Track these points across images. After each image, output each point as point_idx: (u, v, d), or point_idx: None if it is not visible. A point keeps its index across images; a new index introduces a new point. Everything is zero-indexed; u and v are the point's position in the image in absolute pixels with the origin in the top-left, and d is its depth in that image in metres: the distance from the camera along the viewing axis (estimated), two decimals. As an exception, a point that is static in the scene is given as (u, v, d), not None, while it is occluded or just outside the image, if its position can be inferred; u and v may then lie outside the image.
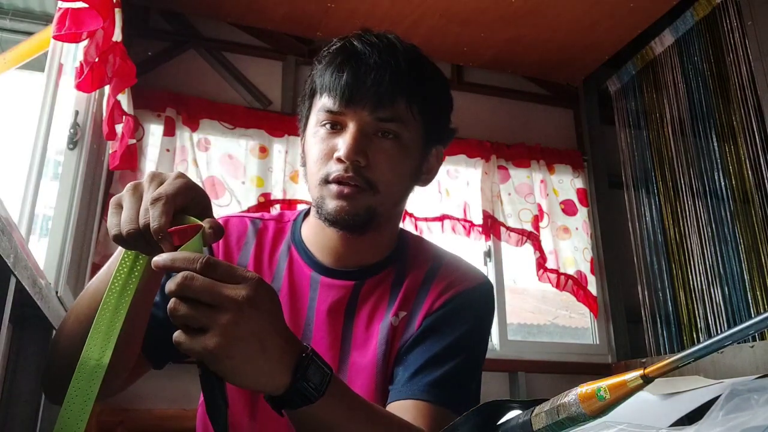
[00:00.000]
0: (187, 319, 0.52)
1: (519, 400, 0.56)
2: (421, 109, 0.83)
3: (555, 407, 0.50)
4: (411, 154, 0.84)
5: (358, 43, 0.82)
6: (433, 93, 0.86)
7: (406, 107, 0.81)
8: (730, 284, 2.56)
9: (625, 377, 0.46)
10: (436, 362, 0.80)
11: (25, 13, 2.13)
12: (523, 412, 0.54)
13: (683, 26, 2.73)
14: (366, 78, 0.79)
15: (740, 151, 2.53)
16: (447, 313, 0.85)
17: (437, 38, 2.89)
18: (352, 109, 0.80)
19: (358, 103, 0.79)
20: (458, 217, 2.80)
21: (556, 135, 3.20)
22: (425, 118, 0.85)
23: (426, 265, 0.91)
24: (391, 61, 0.80)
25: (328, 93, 0.81)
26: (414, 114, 0.82)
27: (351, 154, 0.78)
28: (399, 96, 0.80)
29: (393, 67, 0.80)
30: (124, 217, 0.58)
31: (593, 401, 0.47)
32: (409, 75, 0.81)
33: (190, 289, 0.52)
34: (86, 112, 1.86)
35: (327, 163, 0.81)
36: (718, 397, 0.95)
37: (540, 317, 3.01)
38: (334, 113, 0.81)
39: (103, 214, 2.26)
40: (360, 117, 0.80)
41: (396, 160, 0.82)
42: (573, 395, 0.49)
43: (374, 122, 0.80)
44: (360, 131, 0.80)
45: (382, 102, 0.79)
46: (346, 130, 0.80)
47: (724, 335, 0.43)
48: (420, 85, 0.83)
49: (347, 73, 0.79)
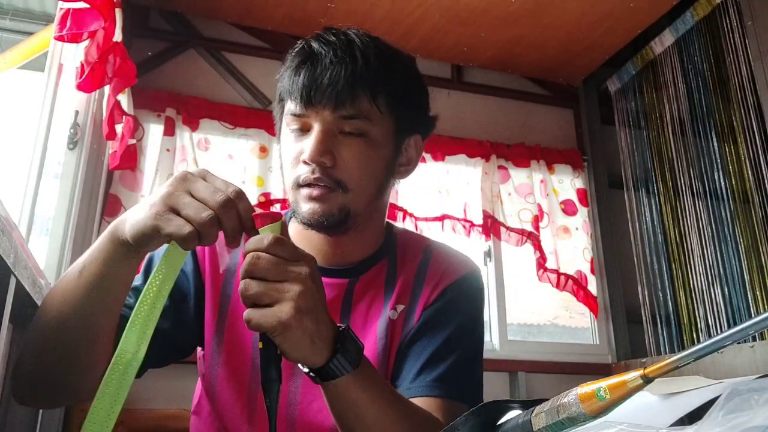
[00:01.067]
0: (258, 296, 0.58)
1: (519, 400, 0.56)
2: (387, 101, 0.82)
3: (555, 407, 0.50)
4: (381, 149, 0.83)
5: (315, 43, 0.82)
6: (400, 84, 0.84)
7: (370, 102, 0.80)
8: (730, 284, 2.56)
9: (625, 377, 0.46)
10: (440, 357, 0.81)
11: (25, 13, 2.13)
12: (523, 412, 0.54)
13: (683, 26, 2.72)
14: (322, 77, 0.78)
15: (740, 151, 2.53)
16: (444, 306, 0.86)
17: (437, 38, 2.89)
18: (313, 111, 0.79)
19: (319, 104, 0.79)
20: (458, 217, 2.80)
21: (556, 135, 3.20)
22: (394, 110, 0.83)
23: (417, 256, 0.91)
24: (347, 58, 0.79)
25: (289, 97, 0.81)
26: (380, 108, 0.81)
27: (315, 155, 0.77)
28: (360, 92, 0.79)
29: (350, 64, 0.79)
30: (199, 217, 0.58)
31: (593, 401, 0.47)
32: (369, 69, 0.80)
33: (258, 267, 0.58)
34: (86, 112, 1.86)
35: (296, 167, 0.81)
36: (718, 397, 0.95)
37: (540, 317, 3.01)
38: (298, 116, 0.81)
39: (103, 214, 2.26)
40: (322, 117, 0.79)
41: (364, 156, 0.81)
42: (573, 395, 0.49)
43: (337, 121, 0.79)
44: (323, 132, 0.79)
45: (342, 100, 0.78)
46: (311, 132, 0.80)
47: (724, 335, 0.43)
48: (383, 78, 0.81)
49: (304, 75, 0.79)
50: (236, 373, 0.84)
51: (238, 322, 0.84)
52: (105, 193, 2.28)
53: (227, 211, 0.59)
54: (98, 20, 1.45)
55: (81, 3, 1.41)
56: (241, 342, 0.84)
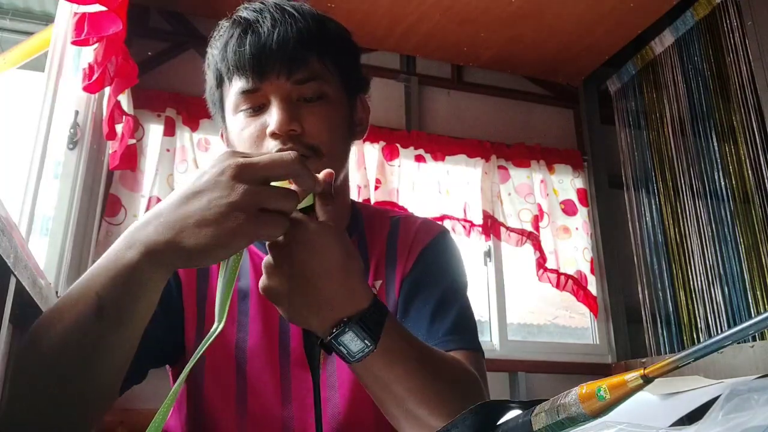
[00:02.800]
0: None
1: (519, 400, 0.56)
2: (334, 60, 0.79)
3: (555, 407, 0.50)
4: (340, 109, 0.80)
5: (246, 14, 0.77)
6: (339, 41, 0.82)
7: (320, 63, 0.77)
8: (730, 284, 2.56)
9: (625, 377, 0.46)
10: (443, 313, 0.79)
11: (25, 13, 2.13)
12: (523, 412, 0.54)
13: (683, 26, 2.73)
14: (270, 43, 0.73)
15: (740, 151, 2.53)
16: (425, 269, 0.85)
17: (437, 38, 2.89)
18: (268, 81, 0.74)
19: (272, 72, 0.74)
20: (458, 217, 2.80)
21: (556, 135, 3.20)
22: (341, 69, 0.80)
23: (385, 229, 0.90)
24: (288, 19, 0.75)
25: (237, 74, 0.75)
26: (329, 68, 0.78)
27: (284, 125, 0.72)
28: (309, 53, 0.76)
29: (293, 24, 0.75)
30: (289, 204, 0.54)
31: (593, 401, 0.47)
32: (311, 29, 0.76)
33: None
34: (86, 112, 1.86)
35: (261, 144, 0.75)
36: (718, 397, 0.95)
37: (540, 317, 3.01)
38: (251, 92, 0.75)
39: (103, 214, 2.26)
40: (279, 86, 0.75)
41: (329, 118, 0.77)
42: (573, 395, 0.49)
43: (295, 87, 0.75)
44: (285, 100, 0.74)
45: (296, 64, 0.74)
46: (269, 105, 0.75)
47: (724, 335, 0.43)
48: (325, 37, 0.78)
49: (249, 45, 0.74)
50: (221, 373, 0.81)
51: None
52: (105, 193, 2.28)
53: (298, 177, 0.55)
54: (116, 23, 1.45)
55: (97, 6, 1.41)
56: (224, 340, 0.82)
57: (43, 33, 1.88)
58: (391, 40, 2.90)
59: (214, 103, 0.84)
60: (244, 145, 0.77)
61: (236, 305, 0.83)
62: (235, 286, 0.58)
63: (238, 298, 0.83)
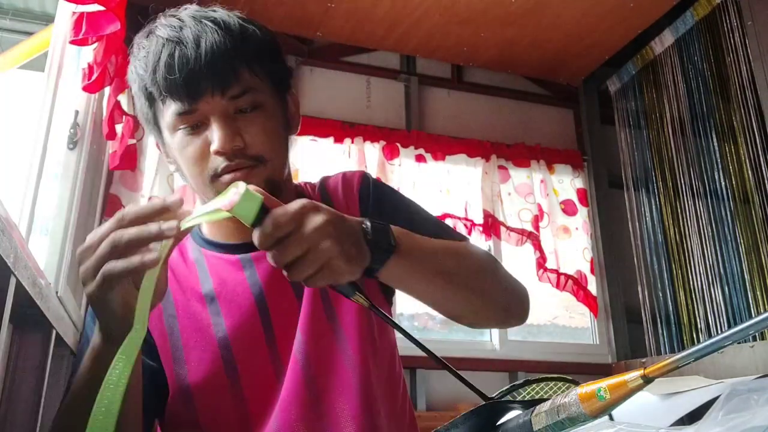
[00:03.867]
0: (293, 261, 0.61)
1: (519, 401, 0.56)
2: (261, 65, 0.80)
3: (555, 407, 0.50)
4: (275, 114, 0.82)
5: (166, 32, 0.77)
6: (263, 45, 0.82)
7: (250, 73, 0.79)
8: (730, 284, 2.56)
9: (625, 377, 0.46)
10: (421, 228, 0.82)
11: (25, 13, 2.13)
12: (523, 412, 0.54)
13: (683, 26, 2.73)
14: (200, 64, 0.74)
15: (740, 151, 2.53)
16: (375, 204, 0.90)
17: (437, 38, 2.89)
18: (203, 101, 0.76)
19: (206, 92, 0.75)
20: (459, 216, 2.80)
21: (556, 135, 3.20)
22: (269, 73, 0.82)
23: (315, 192, 0.94)
24: (211, 35, 0.76)
25: (171, 97, 0.77)
26: (258, 75, 0.80)
27: (227, 144, 0.75)
28: (239, 67, 0.77)
29: (217, 39, 0.75)
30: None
31: (593, 401, 0.47)
32: (235, 39, 0.77)
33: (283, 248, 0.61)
34: (86, 112, 1.86)
35: (206, 161, 0.78)
36: (718, 397, 0.95)
37: (540, 317, 3.01)
38: (188, 114, 0.77)
39: (103, 214, 2.26)
40: (215, 104, 0.76)
41: (267, 127, 0.80)
42: (573, 395, 0.49)
43: (230, 103, 0.77)
44: (223, 117, 0.76)
45: (227, 79, 0.76)
46: (208, 123, 0.77)
47: (724, 335, 0.43)
48: (248, 43, 0.79)
49: (179, 69, 0.74)
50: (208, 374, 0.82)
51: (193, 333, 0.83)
52: (105, 193, 2.28)
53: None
54: (114, 23, 1.45)
55: (95, 6, 1.41)
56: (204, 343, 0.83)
57: (43, 33, 1.88)
58: (391, 40, 2.90)
59: (147, 121, 0.84)
60: (188, 162, 0.79)
61: (207, 309, 0.84)
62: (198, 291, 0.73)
63: (207, 302, 0.84)
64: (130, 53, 0.86)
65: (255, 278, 0.84)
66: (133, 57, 0.83)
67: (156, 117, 0.82)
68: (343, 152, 2.72)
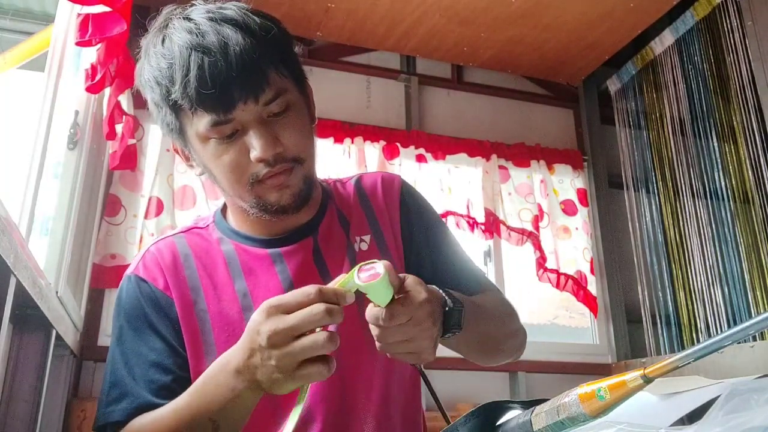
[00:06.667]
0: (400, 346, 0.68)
1: (519, 400, 0.56)
2: (285, 66, 0.81)
3: (555, 407, 0.50)
4: (302, 110, 0.84)
5: (186, 38, 0.74)
6: (282, 43, 0.81)
7: (277, 74, 0.79)
8: (730, 284, 2.56)
9: (625, 377, 0.46)
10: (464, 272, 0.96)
11: (25, 13, 2.13)
12: (523, 412, 0.54)
13: (683, 26, 2.72)
14: (231, 73, 0.73)
15: (740, 151, 2.53)
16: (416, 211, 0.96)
17: (437, 38, 2.89)
18: (238, 110, 0.76)
19: (240, 102, 0.75)
20: (462, 213, 2.80)
21: (556, 135, 3.20)
22: (291, 70, 0.82)
23: (350, 189, 0.96)
24: (238, 42, 0.74)
25: (205, 110, 0.76)
26: (284, 74, 0.80)
27: (269, 151, 0.76)
28: (267, 70, 0.77)
29: (245, 48, 0.74)
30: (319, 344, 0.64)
31: (593, 401, 0.47)
32: (259, 43, 0.76)
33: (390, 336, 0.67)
34: (86, 112, 1.86)
35: (245, 167, 0.78)
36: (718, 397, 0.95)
37: (540, 317, 3.01)
38: (223, 124, 0.77)
39: (103, 214, 2.26)
40: (249, 111, 0.76)
41: (300, 126, 0.81)
42: (573, 395, 0.49)
43: (264, 108, 0.78)
44: (260, 124, 0.77)
45: (261, 88, 0.76)
46: (246, 131, 0.77)
47: (724, 335, 0.43)
48: (273, 46, 0.78)
49: (212, 81, 0.73)
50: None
51: (225, 327, 0.84)
52: (105, 193, 2.28)
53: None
54: (120, 24, 1.45)
55: (101, 7, 1.41)
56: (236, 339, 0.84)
57: (43, 33, 1.88)
58: (391, 40, 2.90)
59: (172, 131, 0.83)
60: (225, 170, 0.79)
61: (239, 304, 0.85)
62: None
63: (240, 297, 0.86)
64: (137, 56, 0.86)
65: (286, 273, 0.86)
66: (147, 63, 0.81)
67: (183, 126, 0.81)
68: (343, 152, 2.71)
